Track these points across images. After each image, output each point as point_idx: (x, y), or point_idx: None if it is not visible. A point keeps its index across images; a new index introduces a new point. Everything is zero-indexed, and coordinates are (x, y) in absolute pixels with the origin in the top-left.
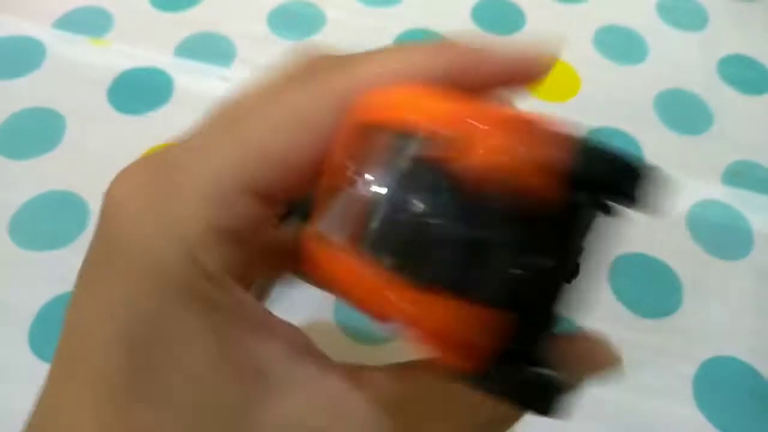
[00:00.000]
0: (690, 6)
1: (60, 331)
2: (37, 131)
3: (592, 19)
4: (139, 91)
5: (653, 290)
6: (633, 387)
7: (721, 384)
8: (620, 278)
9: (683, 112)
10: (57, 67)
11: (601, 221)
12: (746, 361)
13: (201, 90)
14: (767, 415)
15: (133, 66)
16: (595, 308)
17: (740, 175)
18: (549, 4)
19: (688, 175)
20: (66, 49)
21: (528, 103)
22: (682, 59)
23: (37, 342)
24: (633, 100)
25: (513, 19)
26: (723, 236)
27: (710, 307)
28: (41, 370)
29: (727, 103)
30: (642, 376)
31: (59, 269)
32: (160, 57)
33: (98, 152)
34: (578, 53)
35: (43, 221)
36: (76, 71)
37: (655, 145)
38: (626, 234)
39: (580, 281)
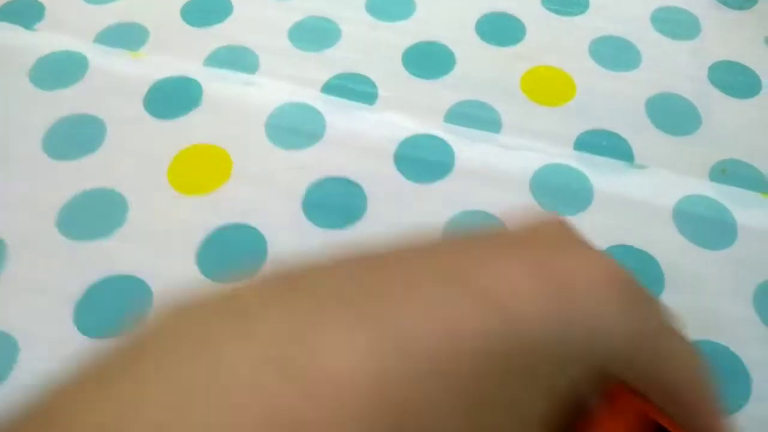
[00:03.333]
0: (683, 17)
1: None
2: (81, 135)
3: (588, 30)
4: (171, 97)
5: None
6: None
7: None
8: None
9: (673, 114)
10: (98, 78)
11: None
12: (725, 345)
13: (227, 95)
14: (745, 397)
15: (167, 75)
16: None
17: (727, 173)
18: (547, 16)
19: (676, 172)
20: (106, 62)
21: (525, 108)
22: (674, 66)
23: (82, 320)
24: (625, 104)
25: (513, 32)
26: (708, 228)
27: (691, 295)
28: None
29: (716, 106)
30: None
31: (102, 257)
32: (190, 67)
33: (136, 153)
34: (574, 62)
35: (86, 215)
36: (115, 81)
37: (646, 145)
38: (614, 226)
39: None
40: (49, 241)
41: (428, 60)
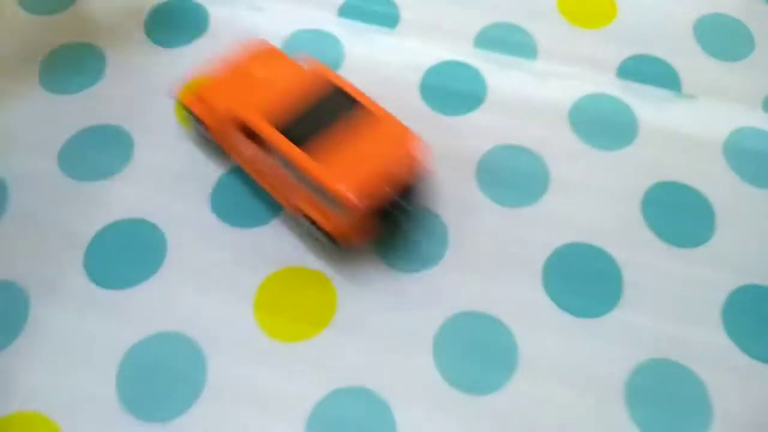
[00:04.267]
0: None
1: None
2: (78, 66)
3: None
4: (175, 23)
5: (686, 219)
6: (664, 315)
7: (751, 312)
8: (653, 207)
9: (724, 37)
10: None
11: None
12: None
13: (234, 22)
14: None
15: None
16: (626, 236)
17: None
18: None
19: (726, 102)
20: None
21: (562, 30)
22: None
23: (92, 267)
24: (672, 26)
25: None
26: (760, 164)
27: (743, 236)
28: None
29: None
30: (673, 304)
31: (109, 198)
32: None
33: (139, 85)
34: None
35: (90, 152)
36: (112, 3)
37: (694, 72)
38: (661, 161)
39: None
40: (53, 181)
41: None
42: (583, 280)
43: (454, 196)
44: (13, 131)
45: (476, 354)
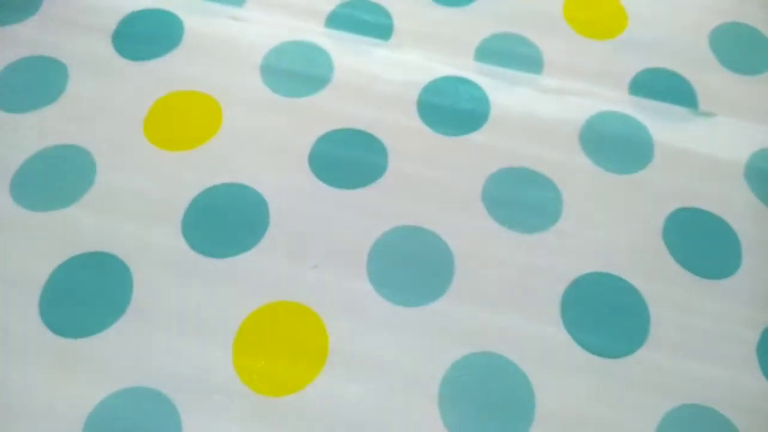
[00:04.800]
0: None
1: None
2: (38, 82)
3: None
4: (146, 35)
5: (711, 248)
6: (693, 355)
7: None
8: (675, 235)
9: (741, 48)
10: (55, 8)
11: None
12: None
13: (213, 32)
14: None
15: (140, 8)
16: (649, 266)
17: None
18: None
19: (746, 119)
20: None
21: (570, 41)
22: None
23: (48, 314)
24: (686, 36)
25: None
26: None
27: None
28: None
29: None
30: (702, 342)
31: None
32: None
33: (104, 102)
34: None
35: (46, 178)
36: (77, 16)
37: (710, 86)
38: (679, 186)
39: None
40: (2, 213)
41: None
42: (603, 314)
43: (459, 222)
44: None
45: (490, 405)
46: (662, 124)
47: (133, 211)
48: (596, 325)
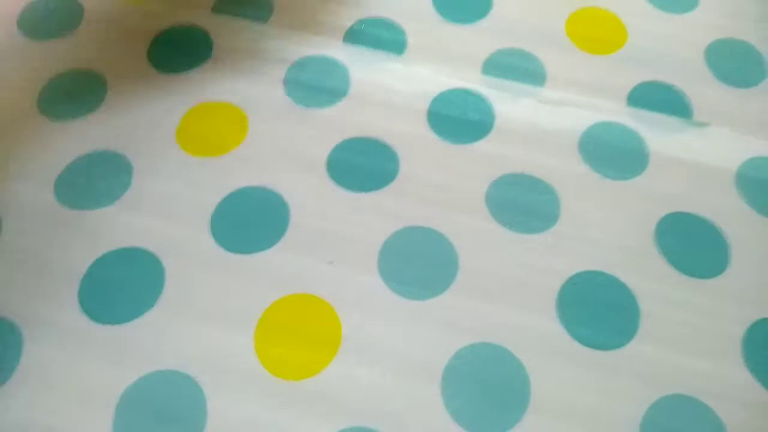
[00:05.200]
0: None
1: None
2: (80, 92)
3: None
4: (178, 50)
5: (701, 250)
6: (681, 348)
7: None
8: (666, 237)
9: (736, 63)
10: (95, 27)
11: None
12: None
13: (240, 47)
14: None
15: (172, 25)
16: (641, 266)
17: None
18: None
19: (739, 130)
20: (102, 6)
21: (572, 56)
22: (737, 6)
23: (87, 302)
24: (683, 51)
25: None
26: None
27: (758, 268)
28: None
29: None
30: (690, 336)
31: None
32: (197, 13)
33: (141, 111)
34: (625, 2)
35: (86, 180)
36: (115, 30)
37: (705, 98)
38: (672, 192)
39: None
40: (48, 212)
41: (462, 1)
42: (596, 310)
43: (464, 223)
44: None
45: (486, 390)
46: (658, 133)
47: (165, 211)
48: (589, 319)
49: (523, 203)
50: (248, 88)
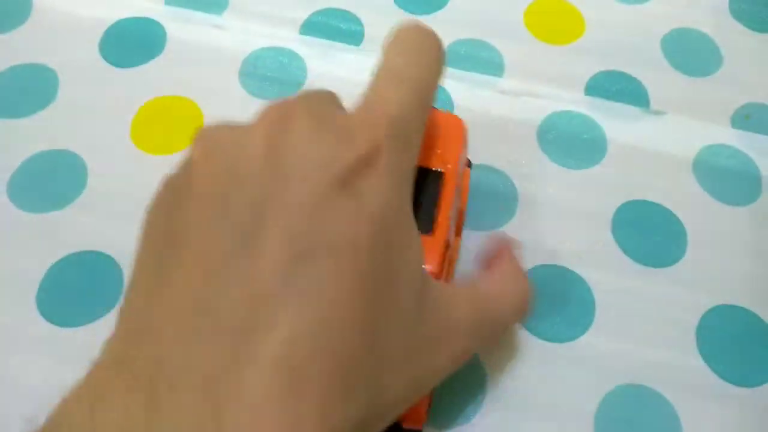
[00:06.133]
0: None
1: None
2: (30, 88)
3: None
4: (131, 43)
5: (657, 238)
6: (635, 338)
7: (724, 333)
8: (623, 226)
9: (692, 53)
10: (44, 19)
11: None
12: (749, 308)
13: (194, 40)
14: None
15: (124, 16)
16: (597, 257)
17: (751, 119)
18: None
19: (696, 118)
20: (54, 1)
21: (530, 47)
22: None
23: (45, 306)
24: (640, 41)
25: None
26: (730, 181)
27: (714, 255)
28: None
29: (739, 43)
30: (644, 326)
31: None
32: (150, 5)
33: (93, 107)
34: None
35: (40, 182)
36: (66, 22)
37: (661, 87)
38: (630, 180)
39: None
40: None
41: None
42: (550, 302)
43: None
44: None
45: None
46: (615, 122)
47: (122, 212)
48: (544, 312)
49: (477, 193)
50: (203, 82)
